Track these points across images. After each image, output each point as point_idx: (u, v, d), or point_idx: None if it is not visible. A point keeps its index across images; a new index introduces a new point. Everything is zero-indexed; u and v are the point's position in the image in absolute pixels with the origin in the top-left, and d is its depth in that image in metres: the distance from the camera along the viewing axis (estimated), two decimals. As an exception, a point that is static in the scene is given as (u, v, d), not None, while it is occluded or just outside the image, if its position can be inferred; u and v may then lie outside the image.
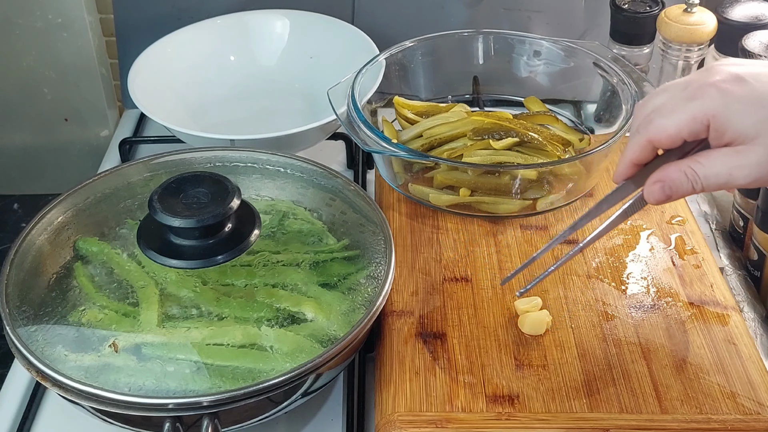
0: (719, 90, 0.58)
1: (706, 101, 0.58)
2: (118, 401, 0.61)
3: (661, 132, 0.60)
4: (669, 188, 0.61)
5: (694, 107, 0.59)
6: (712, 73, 0.60)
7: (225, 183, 0.71)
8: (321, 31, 1.11)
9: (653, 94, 0.64)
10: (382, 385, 0.69)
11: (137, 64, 1.03)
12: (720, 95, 0.58)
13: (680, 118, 0.59)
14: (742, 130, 0.57)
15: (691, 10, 0.94)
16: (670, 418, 0.66)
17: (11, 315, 0.67)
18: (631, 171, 0.64)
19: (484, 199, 0.84)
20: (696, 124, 0.59)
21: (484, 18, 1.13)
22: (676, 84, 0.62)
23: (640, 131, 0.62)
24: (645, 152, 0.63)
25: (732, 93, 0.58)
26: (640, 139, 0.62)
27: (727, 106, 0.58)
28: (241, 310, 0.69)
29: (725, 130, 0.58)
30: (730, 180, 0.59)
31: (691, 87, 0.60)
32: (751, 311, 0.81)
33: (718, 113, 0.58)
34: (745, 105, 0.57)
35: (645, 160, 0.63)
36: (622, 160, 0.64)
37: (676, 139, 0.60)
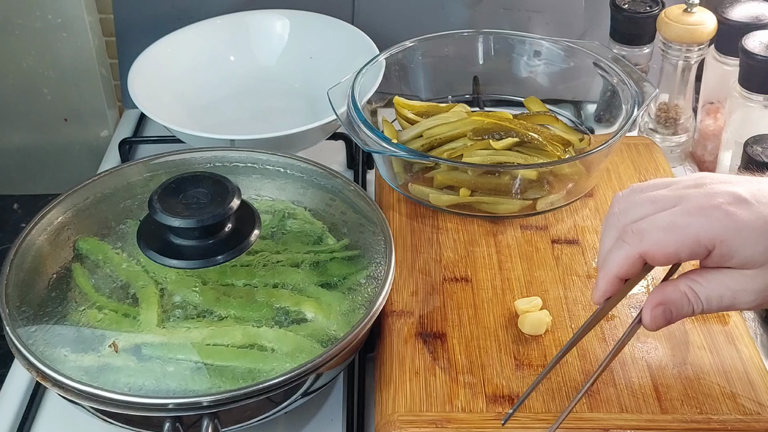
0: (727, 214, 0.55)
1: (713, 225, 0.55)
2: (118, 401, 0.61)
3: (660, 248, 0.56)
4: (670, 312, 0.57)
5: (698, 228, 0.55)
6: (711, 193, 0.56)
7: (225, 183, 0.71)
8: (321, 31, 1.11)
9: (633, 203, 0.59)
10: (382, 385, 0.69)
11: (137, 64, 1.03)
12: (729, 220, 0.55)
13: (682, 237, 0.55)
14: (752, 256, 0.55)
15: (691, 10, 0.94)
16: (670, 418, 0.66)
17: (11, 315, 0.67)
18: (615, 287, 0.59)
19: (484, 199, 0.84)
20: (699, 247, 0.55)
21: (484, 18, 1.13)
22: (665, 197, 0.58)
23: (629, 242, 0.57)
24: (634, 267, 0.57)
25: (740, 218, 0.55)
26: (629, 252, 0.57)
27: (737, 232, 0.54)
28: (241, 310, 0.69)
29: (732, 255, 0.55)
30: (733, 303, 0.57)
31: (689, 204, 0.56)
32: (751, 311, 0.80)
33: (727, 239, 0.55)
34: (754, 231, 0.55)
35: (632, 275, 0.58)
36: (604, 276, 0.58)
37: (672, 258, 0.56)
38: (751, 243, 0.55)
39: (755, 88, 0.89)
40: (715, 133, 1.00)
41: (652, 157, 0.93)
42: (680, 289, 0.57)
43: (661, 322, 0.58)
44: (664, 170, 0.91)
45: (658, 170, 0.91)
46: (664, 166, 0.92)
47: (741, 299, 0.56)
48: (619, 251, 0.57)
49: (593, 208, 0.86)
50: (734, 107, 0.91)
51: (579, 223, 0.84)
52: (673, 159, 1.00)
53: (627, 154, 0.93)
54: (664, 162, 0.93)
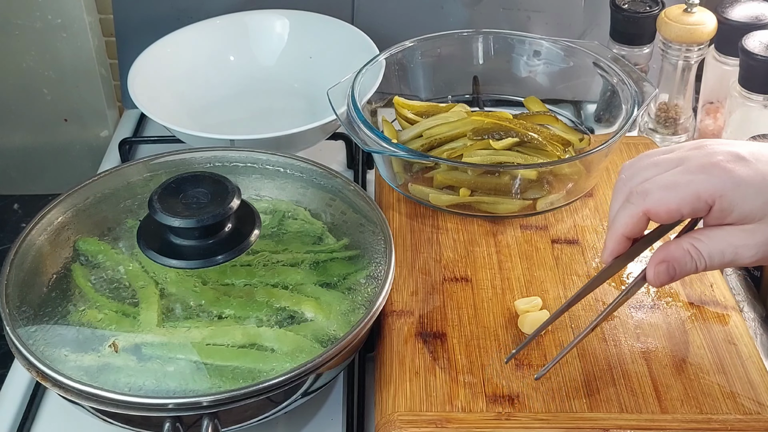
0: (725, 169, 0.57)
1: (713, 180, 0.57)
2: (118, 401, 0.61)
3: (662, 205, 0.59)
4: (674, 269, 0.60)
5: (698, 184, 0.58)
6: (711, 152, 0.59)
7: (225, 183, 0.71)
8: (321, 31, 1.11)
9: (639, 168, 0.62)
10: (382, 385, 0.69)
11: (137, 64, 1.03)
12: (728, 176, 0.57)
13: (684, 193, 0.58)
14: (750, 210, 0.57)
15: (691, 10, 0.94)
16: (670, 418, 0.66)
17: (11, 315, 0.67)
18: (623, 247, 0.62)
19: (484, 199, 0.84)
20: (699, 203, 0.58)
21: (484, 18, 1.13)
22: (669, 159, 0.61)
23: (634, 202, 0.60)
24: (639, 225, 0.61)
25: (739, 174, 0.57)
26: (634, 210, 0.60)
27: (735, 187, 0.57)
28: (241, 310, 0.69)
29: (732, 210, 0.57)
30: (735, 258, 0.58)
31: (691, 163, 0.59)
32: (751, 311, 0.80)
33: (726, 194, 0.57)
34: (752, 186, 0.57)
35: (638, 233, 0.61)
36: (612, 236, 0.62)
37: (675, 214, 0.59)
38: (749, 197, 0.57)
39: (755, 88, 0.89)
40: (715, 133, 1.00)
41: (652, 157, 0.93)
42: (683, 246, 0.59)
43: (665, 278, 0.60)
44: (664, 170, 0.91)
45: (658, 170, 0.91)
46: (664, 166, 0.92)
47: (742, 254, 0.58)
48: (624, 211, 0.60)
49: (593, 208, 0.86)
50: (734, 107, 0.91)
51: (579, 223, 0.84)
52: (673, 159, 1.00)
53: (627, 154, 0.93)
54: (664, 162, 0.92)
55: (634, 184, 0.61)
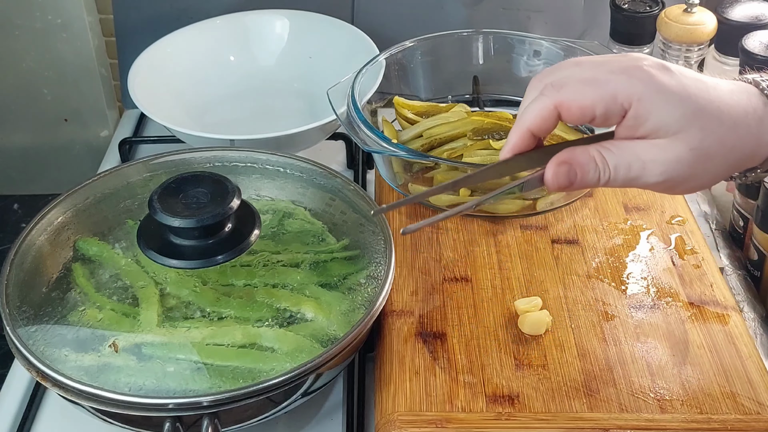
0: (648, 74, 0.53)
1: (633, 82, 0.53)
2: (118, 401, 0.61)
3: (575, 99, 0.54)
4: (575, 173, 0.55)
5: (618, 84, 0.53)
6: (638, 59, 0.55)
7: (225, 183, 0.71)
8: (321, 31, 1.11)
9: (560, 64, 0.57)
10: (382, 384, 0.69)
11: (137, 64, 1.03)
12: (649, 79, 0.53)
13: (601, 91, 0.53)
14: (666, 122, 0.53)
15: (691, 10, 0.94)
16: (670, 418, 0.66)
17: (11, 315, 0.67)
18: (526, 143, 0.57)
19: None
20: (615, 104, 0.53)
21: (484, 18, 1.13)
22: (590, 59, 0.56)
23: (547, 94, 0.55)
24: (548, 121, 0.55)
25: (661, 80, 0.53)
26: (546, 102, 0.55)
27: (656, 92, 0.53)
28: (241, 310, 0.69)
29: (647, 118, 0.53)
30: (641, 175, 0.54)
31: (615, 65, 0.54)
32: (751, 311, 0.80)
33: (644, 98, 0.53)
34: (673, 95, 0.53)
35: (544, 132, 0.56)
36: (517, 128, 0.56)
37: (587, 112, 0.54)
38: (667, 107, 0.53)
39: (755, 88, 0.89)
40: (715, 133, 1.00)
41: (652, 157, 0.93)
42: (589, 152, 0.55)
43: (563, 181, 0.55)
44: (664, 170, 0.91)
45: (658, 170, 0.91)
46: (664, 166, 0.92)
47: (650, 170, 0.54)
48: (535, 103, 0.56)
49: (593, 208, 0.86)
50: (734, 107, 0.91)
51: (579, 223, 0.84)
52: (673, 159, 1.00)
53: (627, 154, 0.93)
54: (664, 162, 0.92)
55: (551, 78, 0.56)
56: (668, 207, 0.86)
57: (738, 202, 0.88)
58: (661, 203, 0.86)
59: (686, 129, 0.53)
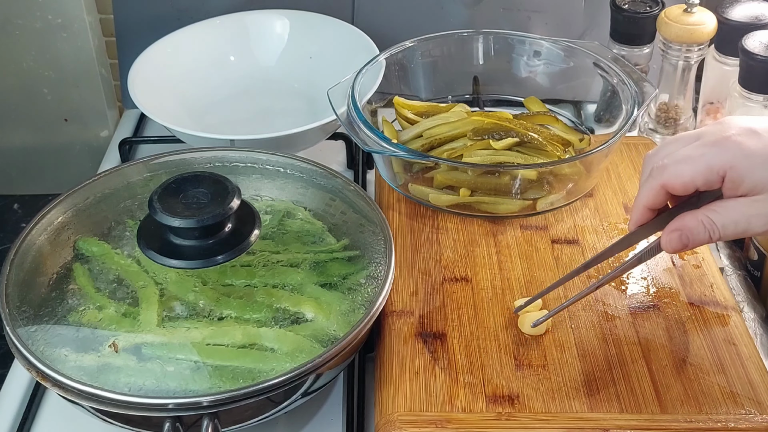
0: (735, 143, 0.61)
1: (724, 153, 0.61)
2: (118, 401, 0.61)
3: (676, 178, 0.62)
4: (686, 237, 0.63)
5: (710, 157, 0.61)
6: (726, 127, 0.62)
7: (225, 183, 0.71)
8: (321, 31, 1.11)
9: (664, 143, 0.66)
10: (382, 385, 0.69)
11: (137, 64, 1.03)
12: (738, 148, 0.61)
13: (697, 166, 0.61)
14: (760, 181, 0.60)
15: (691, 10, 0.94)
16: (670, 418, 0.66)
17: (11, 315, 0.67)
18: (646, 216, 0.66)
19: (484, 199, 0.84)
20: (712, 174, 0.61)
21: (484, 18, 1.13)
22: (689, 135, 0.65)
23: (654, 176, 0.64)
24: (658, 197, 0.64)
25: (748, 146, 0.60)
26: (653, 183, 0.64)
27: (745, 158, 0.60)
28: (241, 310, 0.69)
29: (742, 180, 0.60)
30: (748, 228, 0.62)
31: (706, 138, 0.62)
32: (751, 311, 0.81)
33: (736, 164, 0.60)
34: (762, 158, 0.60)
35: (658, 205, 0.65)
36: (636, 206, 0.66)
37: (689, 186, 0.62)
38: (758, 168, 0.60)
39: (755, 88, 0.89)
40: (715, 133, 1.00)
41: (652, 157, 0.93)
42: (697, 217, 0.63)
43: (677, 245, 0.64)
44: (664, 170, 0.91)
45: (658, 170, 0.91)
46: (664, 166, 0.92)
47: (755, 223, 0.61)
48: (645, 184, 0.65)
49: (593, 208, 0.86)
50: (734, 107, 0.91)
51: (579, 223, 0.84)
52: (673, 159, 1.00)
53: (627, 154, 0.93)
54: (664, 162, 0.92)
55: (656, 159, 0.65)
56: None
57: (738, 203, 0.88)
58: (661, 203, 0.86)
59: None
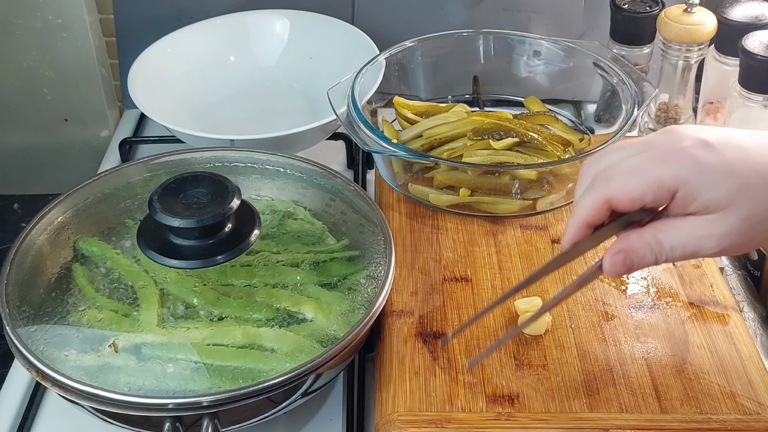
0: (690, 156, 0.55)
1: (676, 167, 0.55)
2: (118, 401, 0.61)
3: (623, 192, 0.56)
4: (631, 260, 0.57)
5: (662, 171, 0.55)
6: (677, 138, 0.57)
7: (225, 183, 0.71)
8: (321, 31, 1.11)
9: (607, 151, 0.60)
10: (382, 385, 0.69)
11: (137, 64, 1.03)
12: (691, 162, 0.55)
13: (647, 180, 0.56)
14: (714, 199, 0.55)
15: (691, 10, 0.94)
16: (670, 418, 0.66)
17: (11, 315, 0.67)
18: (583, 233, 0.59)
19: (484, 199, 0.84)
20: (662, 191, 0.55)
21: (484, 18, 1.13)
22: (634, 144, 0.58)
23: (596, 188, 0.57)
24: (600, 213, 0.58)
25: (703, 161, 0.55)
26: (596, 197, 0.57)
27: (699, 174, 0.55)
28: (241, 310, 0.69)
29: (695, 198, 0.55)
30: (698, 251, 0.56)
31: (656, 149, 0.57)
32: (751, 311, 0.81)
33: (689, 181, 0.55)
34: (717, 174, 0.55)
35: (598, 221, 0.59)
36: (573, 221, 0.59)
37: (637, 202, 0.56)
38: (713, 185, 0.55)
39: (755, 88, 0.89)
40: (715, 133, 1.00)
41: (652, 157, 0.93)
42: (644, 238, 0.57)
43: (621, 269, 0.58)
44: (664, 170, 0.91)
45: (658, 170, 0.91)
46: (664, 166, 0.92)
47: (704, 245, 0.56)
48: (586, 197, 0.58)
49: (593, 208, 0.86)
50: (734, 107, 0.91)
51: (579, 223, 0.84)
52: (673, 159, 1.00)
53: (627, 154, 0.93)
54: (664, 162, 0.92)
55: (599, 168, 0.58)
56: (668, 207, 0.86)
57: (738, 202, 0.88)
58: (661, 203, 0.86)
59: (735, 202, 0.55)
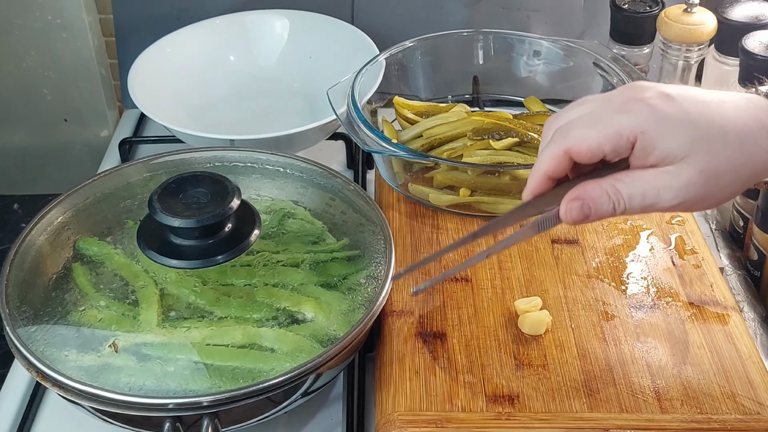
0: (649, 106, 0.55)
1: (634, 116, 0.55)
2: (118, 401, 0.61)
3: (582, 142, 0.56)
4: (588, 207, 0.57)
5: (621, 121, 0.55)
6: (639, 90, 0.57)
7: (225, 183, 0.71)
8: (321, 31, 1.11)
9: (569, 107, 0.60)
10: (382, 384, 0.69)
11: (137, 64, 1.03)
12: (650, 112, 0.55)
13: (605, 130, 0.55)
14: (672, 149, 0.55)
15: (691, 10, 0.94)
16: (670, 418, 0.66)
17: (11, 315, 0.67)
18: (544, 186, 0.59)
19: (484, 199, 0.84)
20: (621, 140, 0.55)
21: (484, 18, 1.13)
22: (595, 98, 0.59)
23: (556, 141, 0.57)
24: (561, 165, 0.57)
25: (662, 110, 0.55)
26: (556, 149, 0.57)
27: (658, 123, 0.55)
28: (241, 310, 0.69)
29: (653, 148, 0.55)
30: (656, 201, 0.56)
31: (616, 101, 0.57)
32: (751, 311, 0.81)
33: (647, 130, 0.55)
34: (676, 123, 0.55)
35: (559, 173, 0.58)
36: (534, 174, 0.59)
37: (596, 152, 0.56)
38: (671, 135, 0.55)
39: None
40: (715, 133, 1.00)
41: (651, 157, 0.93)
42: (602, 186, 0.57)
43: (577, 216, 0.57)
44: (663, 170, 0.91)
45: (657, 170, 0.91)
46: (664, 165, 0.92)
47: (663, 197, 0.56)
48: (546, 150, 0.58)
49: (593, 208, 0.86)
50: (734, 107, 0.91)
51: (579, 223, 0.84)
52: (672, 159, 1.00)
53: (627, 154, 0.93)
54: (664, 162, 0.93)
55: (560, 123, 0.59)
56: (668, 207, 0.86)
57: (738, 202, 0.88)
58: (661, 203, 0.86)
59: (693, 153, 0.55)
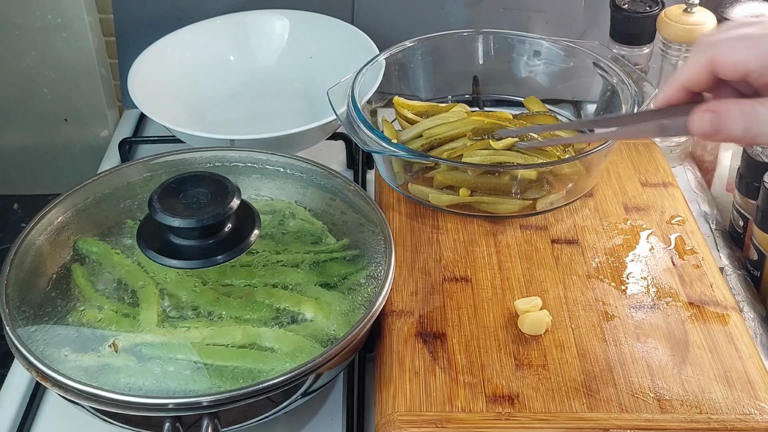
0: None
1: None
2: (118, 401, 0.61)
3: (728, 54, 0.53)
4: (719, 122, 0.53)
5: None
6: None
7: (225, 183, 0.71)
8: (321, 31, 1.11)
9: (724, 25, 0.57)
10: (382, 385, 0.69)
11: (137, 64, 1.03)
12: None
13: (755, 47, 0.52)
14: None
15: (691, 10, 0.94)
16: (670, 418, 0.66)
17: (11, 315, 0.67)
18: (678, 96, 0.56)
19: (484, 199, 0.84)
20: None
21: (484, 18, 1.13)
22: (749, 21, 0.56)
23: (702, 49, 0.54)
24: (701, 75, 0.55)
25: None
26: (700, 57, 0.54)
27: None
28: (241, 310, 0.69)
29: None
30: None
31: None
32: (751, 311, 0.81)
33: None
34: None
35: (697, 86, 0.55)
36: (672, 82, 0.56)
37: (740, 68, 0.53)
38: None
39: (755, 88, 0.89)
40: (715, 133, 1.00)
41: (651, 156, 0.93)
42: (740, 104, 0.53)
43: (706, 128, 0.54)
44: (663, 170, 0.91)
45: (657, 170, 0.91)
46: (664, 166, 0.92)
47: None
48: (689, 59, 0.56)
49: (593, 208, 0.86)
50: (734, 107, 0.91)
51: (579, 223, 0.84)
52: (672, 159, 1.00)
53: (627, 154, 0.93)
54: (664, 162, 0.93)
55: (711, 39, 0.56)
56: (668, 207, 0.86)
57: (738, 202, 0.88)
58: (661, 203, 0.87)
59: None
